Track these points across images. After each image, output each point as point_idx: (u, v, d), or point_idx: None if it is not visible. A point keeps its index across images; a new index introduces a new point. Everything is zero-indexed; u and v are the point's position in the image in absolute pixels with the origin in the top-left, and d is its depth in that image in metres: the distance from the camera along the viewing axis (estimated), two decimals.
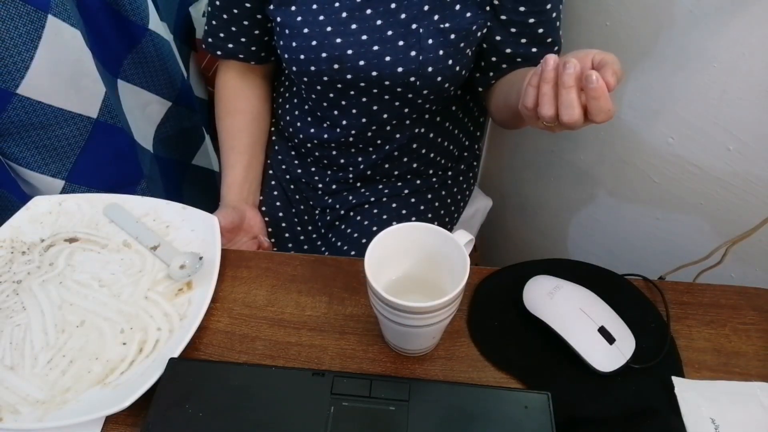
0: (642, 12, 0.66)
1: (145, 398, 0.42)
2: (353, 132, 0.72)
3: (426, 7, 0.61)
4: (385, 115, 0.69)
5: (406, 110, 0.69)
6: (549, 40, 0.66)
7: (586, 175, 0.86)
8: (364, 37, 0.62)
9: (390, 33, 0.62)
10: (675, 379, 0.46)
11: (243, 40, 0.72)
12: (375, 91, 0.66)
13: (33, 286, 0.53)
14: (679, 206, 0.71)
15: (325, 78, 0.65)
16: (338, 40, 0.63)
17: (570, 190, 0.92)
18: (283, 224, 0.81)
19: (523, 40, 0.65)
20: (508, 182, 1.08)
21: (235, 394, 0.43)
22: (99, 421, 0.44)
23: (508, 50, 0.65)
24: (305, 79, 0.67)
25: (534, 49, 0.66)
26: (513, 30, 0.64)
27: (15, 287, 0.53)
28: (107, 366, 0.47)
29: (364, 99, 0.68)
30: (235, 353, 0.49)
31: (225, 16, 0.71)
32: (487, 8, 0.63)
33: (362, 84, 0.65)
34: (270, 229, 0.80)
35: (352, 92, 0.67)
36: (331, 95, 0.69)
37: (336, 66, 0.64)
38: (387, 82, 0.64)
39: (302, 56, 0.65)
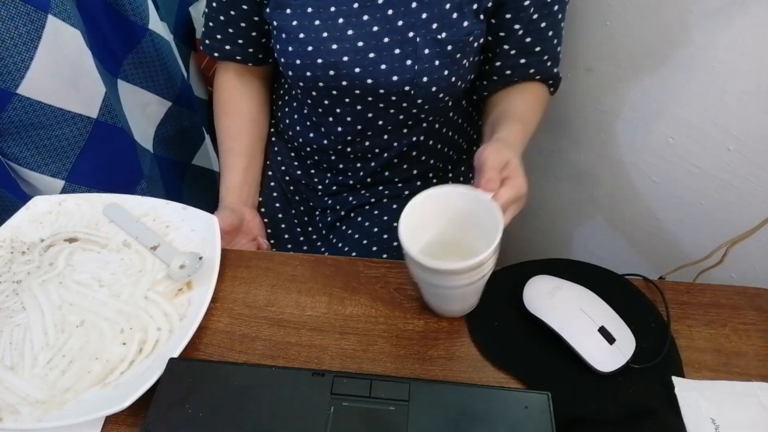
0: (642, 12, 0.66)
1: (145, 398, 0.42)
2: (348, 139, 0.71)
3: (424, 15, 0.60)
4: (380, 122, 0.69)
5: (401, 118, 0.68)
6: (537, 49, 0.67)
7: (586, 175, 0.86)
8: (360, 44, 0.62)
9: (386, 40, 0.61)
10: (675, 379, 0.46)
11: (240, 42, 0.72)
12: (370, 99, 0.65)
13: (33, 286, 0.53)
14: (679, 206, 0.71)
15: (321, 84, 0.65)
16: (334, 46, 0.62)
17: (570, 190, 0.92)
18: (283, 225, 0.81)
19: (513, 52, 0.67)
20: None
21: (235, 394, 0.43)
22: (99, 421, 0.44)
23: (498, 63, 0.68)
24: (301, 84, 0.67)
25: (522, 60, 0.68)
26: (506, 47, 0.67)
27: (15, 287, 0.53)
28: (107, 366, 0.47)
29: (359, 107, 0.67)
30: (235, 353, 0.49)
31: (222, 18, 0.70)
32: (481, 17, 0.62)
33: (357, 91, 0.65)
34: (269, 231, 0.79)
35: (347, 99, 0.66)
36: (326, 102, 0.68)
37: (332, 72, 0.63)
38: (382, 90, 0.64)
39: (298, 61, 0.64)
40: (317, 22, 0.63)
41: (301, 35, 0.63)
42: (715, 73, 0.59)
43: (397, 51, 0.61)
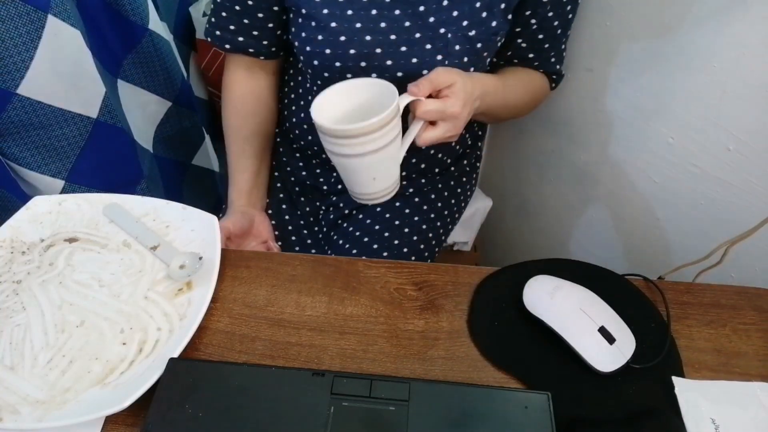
0: (642, 12, 0.66)
1: (145, 398, 0.42)
2: None
3: (455, 13, 0.61)
4: None
5: None
6: (546, 46, 0.70)
7: (586, 175, 0.86)
8: (393, 37, 0.62)
9: (418, 35, 0.62)
10: (675, 379, 0.46)
11: (255, 33, 0.70)
12: None
13: (33, 286, 0.53)
14: (679, 206, 0.71)
15: (349, 75, 0.65)
16: (368, 38, 0.62)
17: (570, 190, 0.92)
18: (290, 227, 0.81)
19: (524, 45, 0.70)
20: (508, 182, 1.08)
21: (235, 394, 0.43)
22: (99, 421, 0.44)
23: (509, 53, 0.72)
24: (326, 74, 0.66)
25: (531, 55, 0.71)
26: (519, 40, 0.70)
27: (15, 287, 0.53)
28: (107, 366, 0.47)
29: None
30: (235, 353, 0.49)
31: (237, 8, 0.68)
32: (509, 17, 0.63)
33: None
34: (277, 233, 0.79)
35: None
36: None
37: (363, 64, 0.63)
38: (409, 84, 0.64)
39: (327, 51, 0.63)
40: (350, 12, 0.62)
41: (333, 24, 0.62)
42: (715, 73, 0.59)
43: (428, 46, 0.62)
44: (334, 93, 0.57)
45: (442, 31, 0.62)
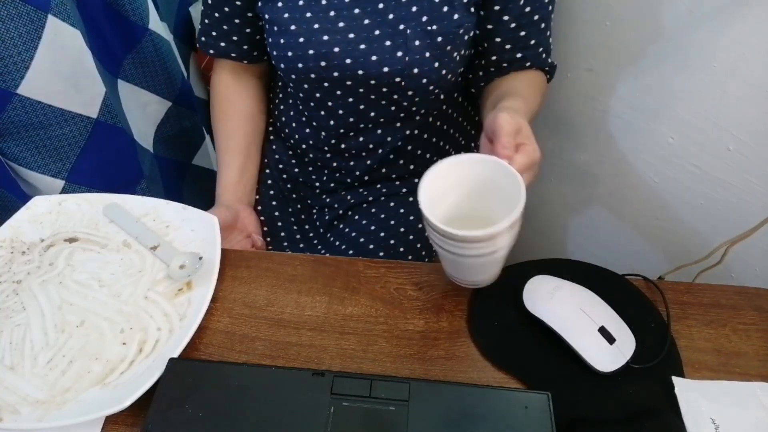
0: (642, 12, 0.66)
1: (145, 398, 0.42)
2: (341, 132, 0.72)
3: (414, 8, 0.61)
4: (372, 114, 0.69)
5: (393, 109, 0.69)
6: (533, 42, 0.68)
7: (586, 175, 0.86)
8: (351, 36, 0.63)
9: (377, 33, 0.62)
10: (675, 379, 0.46)
11: (235, 39, 0.73)
12: (361, 90, 0.66)
13: (33, 286, 0.53)
14: (679, 206, 0.71)
15: (312, 75, 0.66)
16: (325, 38, 0.63)
17: (570, 190, 0.92)
18: (279, 223, 0.81)
19: (508, 47, 0.68)
20: None
21: (235, 394, 0.43)
22: (99, 421, 0.44)
23: (494, 57, 0.69)
24: (293, 76, 0.67)
25: (519, 54, 0.69)
26: (498, 39, 0.67)
27: (15, 287, 0.53)
28: (107, 366, 0.47)
29: (350, 99, 0.68)
30: (235, 353, 0.49)
31: (216, 15, 0.71)
32: (472, 9, 0.63)
33: (348, 83, 0.65)
34: (265, 229, 0.80)
35: (338, 92, 0.67)
36: (318, 95, 0.69)
37: (323, 63, 0.64)
38: (372, 81, 0.64)
39: (290, 53, 0.65)
40: (308, 14, 0.64)
41: (293, 27, 0.64)
42: (715, 73, 0.59)
43: (387, 42, 0.62)
44: (437, 175, 0.46)
45: (401, 27, 0.61)
